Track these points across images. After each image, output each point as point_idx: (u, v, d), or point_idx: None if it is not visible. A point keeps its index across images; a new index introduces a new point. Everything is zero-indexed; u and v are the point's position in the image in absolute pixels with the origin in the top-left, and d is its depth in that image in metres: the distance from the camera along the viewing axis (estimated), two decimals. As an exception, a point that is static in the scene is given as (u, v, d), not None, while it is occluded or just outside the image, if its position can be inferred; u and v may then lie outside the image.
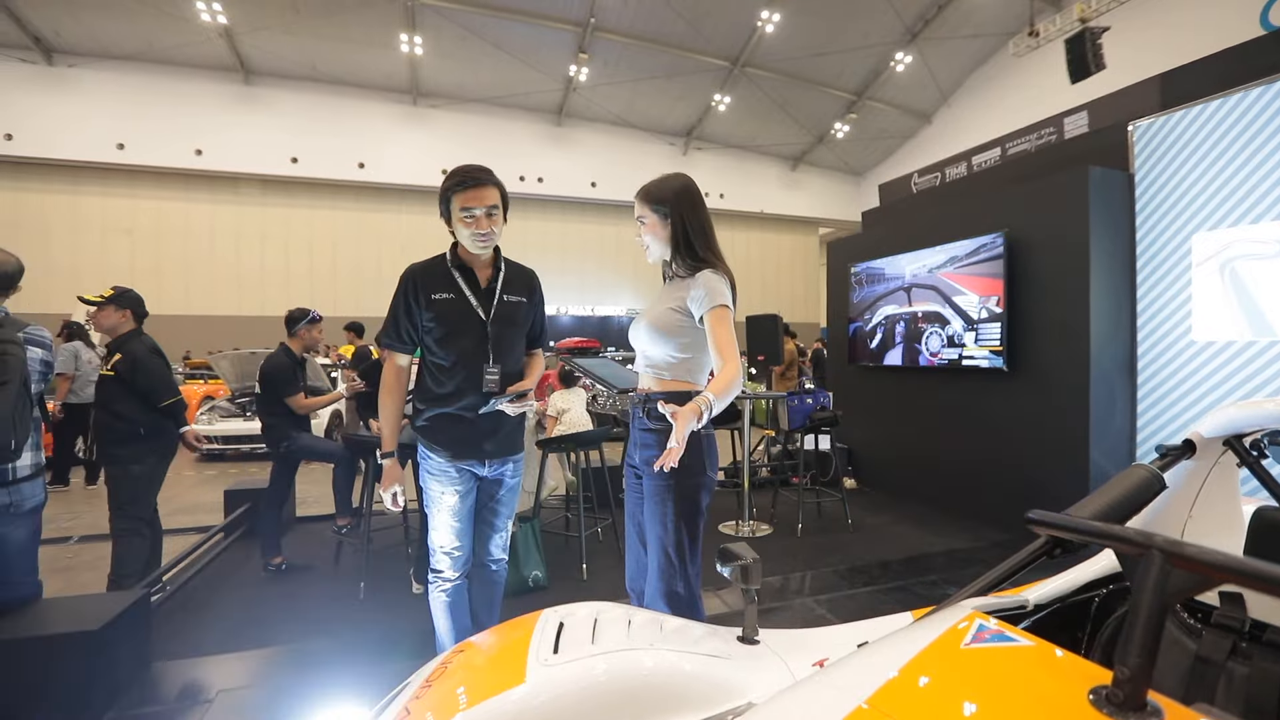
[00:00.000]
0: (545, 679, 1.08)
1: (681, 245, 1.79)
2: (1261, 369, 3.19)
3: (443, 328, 1.91)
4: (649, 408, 1.73)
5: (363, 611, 3.09)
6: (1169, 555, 0.77)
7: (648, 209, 1.81)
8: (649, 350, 1.80)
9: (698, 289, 1.72)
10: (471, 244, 1.90)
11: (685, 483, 1.67)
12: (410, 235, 17.52)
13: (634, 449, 1.83)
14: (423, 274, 1.94)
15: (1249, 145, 3.24)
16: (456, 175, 1.88)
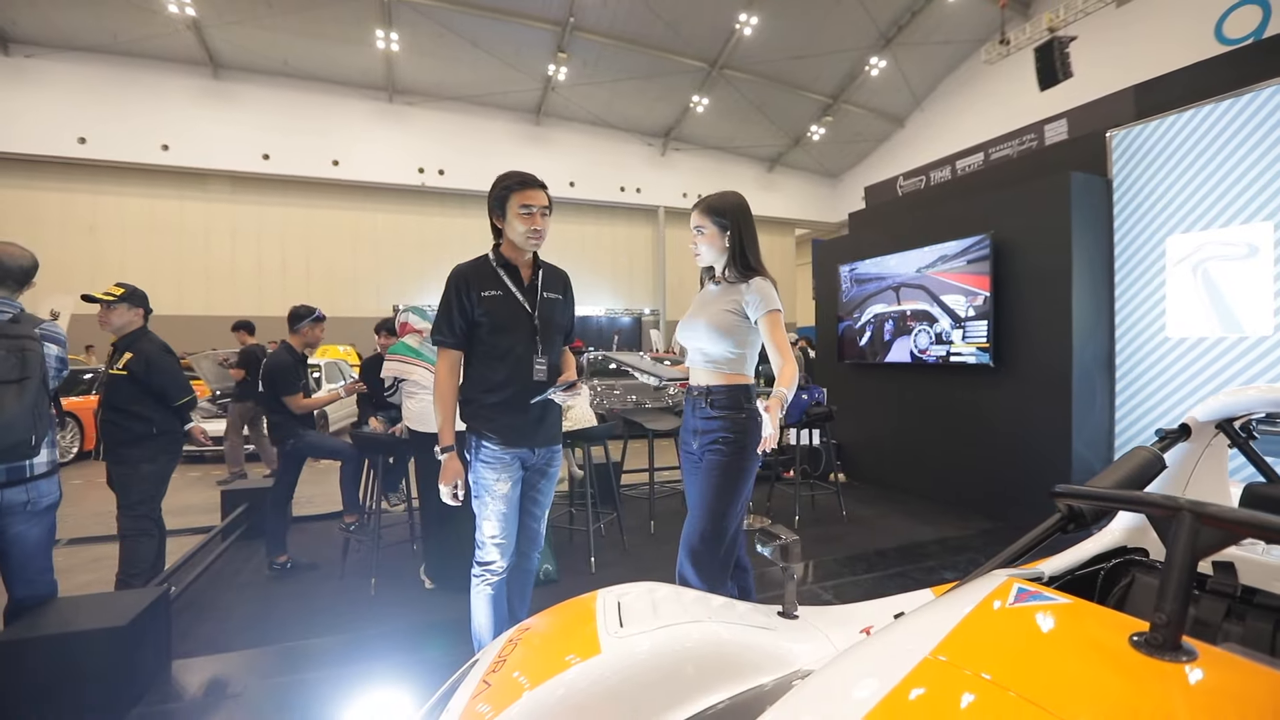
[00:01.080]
0: (619, 649, 1.16)
1: (737, 255, 2.01)
2: (1231, 363, 3.41)
3: (494, 322, 1.99)
4: (713, 398, 1.96)
5: (377, 607, 3.11)
6: (1197, 515, 0.90)
7: (708, 220, 2.01)
8: (708, 348, 1.99)
9: (753, 294, 1.96)
10: (525, 240, 2.00)
11: (738, 462, 1.93)
12: (386, 234, 17.29)
13: (691, 435, 2.04)
14: (472, 272, 2.02)
15: (1219, 153, 3.46)
16: (516, 176, 2.00)
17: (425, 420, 3.21)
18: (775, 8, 14.36)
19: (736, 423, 1.96)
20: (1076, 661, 0.85)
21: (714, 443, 1.95)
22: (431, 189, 17.38)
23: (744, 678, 1.22)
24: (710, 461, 1.95)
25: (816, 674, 1.06)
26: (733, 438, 1.95)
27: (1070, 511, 1.34)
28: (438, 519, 3.24)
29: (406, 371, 3.29)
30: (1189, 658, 0.78)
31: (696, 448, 2.03)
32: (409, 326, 3.46)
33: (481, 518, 2.00)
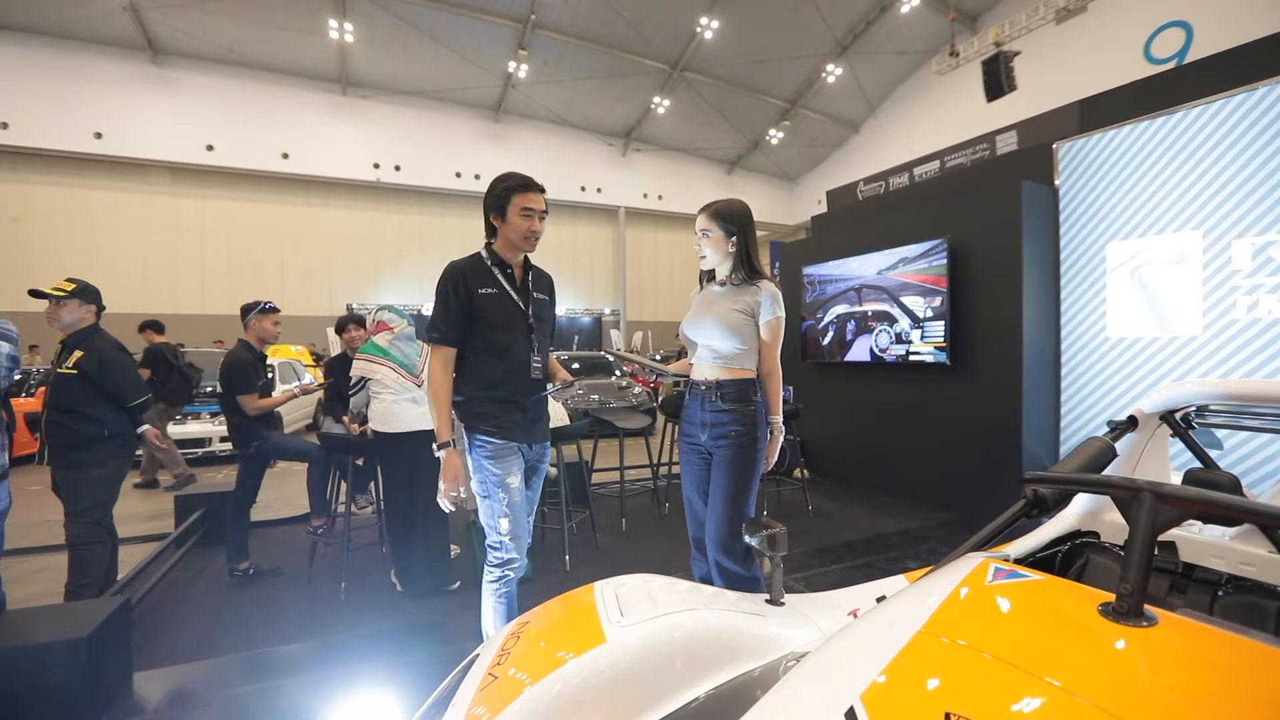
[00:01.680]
0: (624, 637, 1.20)
1: (742, 259, 2.12)
2: (1164, 361, 3.67)
3: (492, 319, 2.00)
4: (723, 392, 2.08)
5: (347, 612, 3.03)
6: (1157, 495, 1.00)
7: (715, 225, 2.10)
8: (717, 344, 2.10)
9: (766, 296, 2.09)
10: (523, 242, 2.02)
11: (752, 452, 2.07)
12: (339, 231, 16.79)
13: (698, 428, 2.12)
14: (468, 270, 2.01)
15: (1155, 166, 3.71)
16: (517, 178, 2.01)
17: (389, 421, 3.15)
18: (736, 12, 14.59)
19: (746, 414, 2.07)
20: (1053, 630, 0.94)
21: (727, 435, 2.06)
22: (387, 185, 16.97)
23: (740, 661, 1.27)
24: (727, 456, 2.06)
25: (815, 653, 1.11)
26: (744, 429, 2.06)
27: (1035, 497, 1.45)
28: (404, 522, 3.20)
29: (370, 370, 3.23)
30: (1150, 622, 0.88)
31: (705, 439, 2.11)
32: (384, 325, 3.39)
33: (497, 516, 1.98)
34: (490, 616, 2.03)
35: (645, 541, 4.10)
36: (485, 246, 2.08)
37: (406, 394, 3.18)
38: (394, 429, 3.14)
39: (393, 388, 3.19)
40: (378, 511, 3.89)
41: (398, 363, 3.26)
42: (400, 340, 3.35)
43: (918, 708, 0.81)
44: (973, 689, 0.81)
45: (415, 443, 3.14)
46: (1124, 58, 12.09)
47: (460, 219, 17.96)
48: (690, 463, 2.20)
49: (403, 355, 3.30)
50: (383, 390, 3.19)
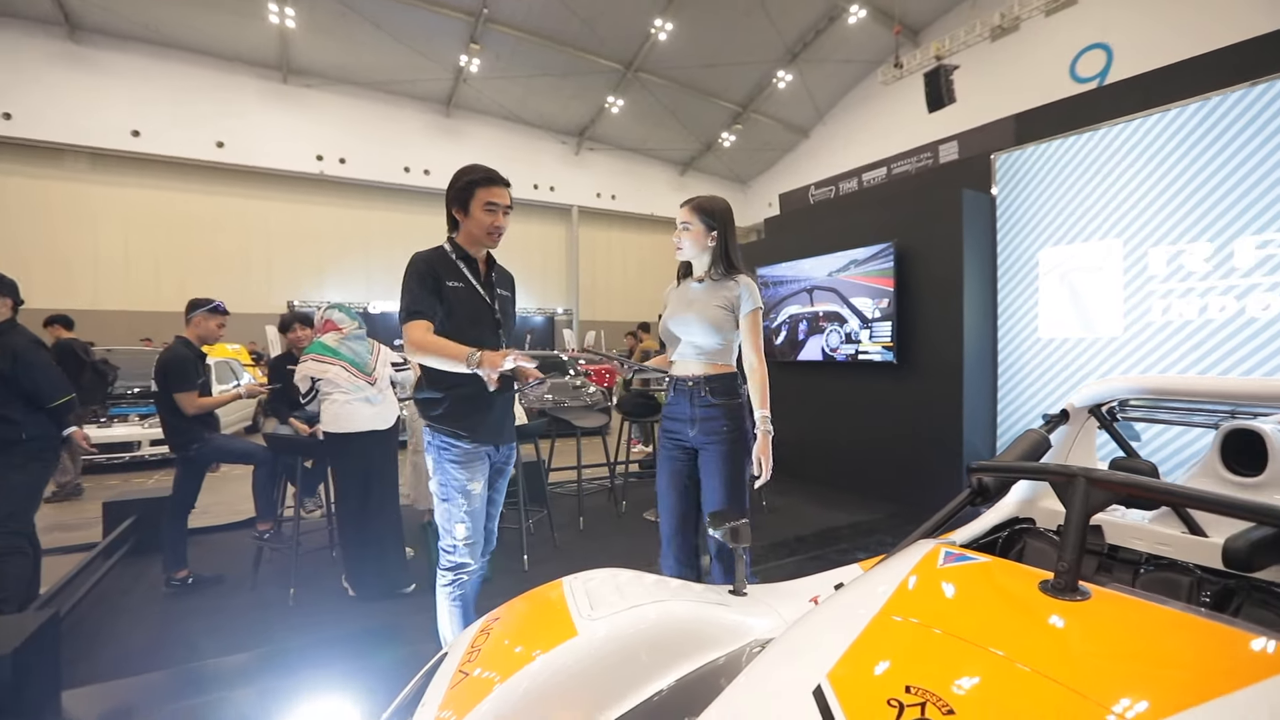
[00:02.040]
0: (595, 630, 1.22)
1: (721, 255, 2.15)
2: (1090, 359, 3.93)
3: (460, 314, 1.95)
4: (711, 386, 2.11)
5: (297, 618, 2.93)
6: (1090, 480, 1.09)
7: (696, 218, 2.12)
8: (701, 341, 2.12)
9: (744, 290, 2.12)
10: (487, 237, 1.98)
11: (744, 448, 2.11)
12: (279, 225, 16.09)
13: (684, 424, 2.15)
14: (437, 261, 1.95)
15: (1082, 178, 3.97)
16: (481, 170, 1.96)
17: (343, 421, 3.06)
18: (690, 16, 14.74)
19: (733, 408, 2.12)
20: (999, 606, 1.03)
21: (718, 431, 2.09)
22: (331, 178, 16.37)
23: (706, 650, 1.31)
24: (719, 452, 2.09)
25: (781, 638, 1.16)
26: (733, 424, 2.10)
27: (979, 486, 1.54)
28: (357, 524, 3.11)
29: (321, 371, 3.12)
30: (1084, 596, 0.96)
31: (694, 435, 2.12)
32: (333, 325, 3.28)
33: (453, 521, 1.94)
34: (446, 620, 2.00)
35: (603, 539, 4.12)
36: (448, 240, 2.03)
37: (360, 394, 3.10)
38: (347, 429, 3.05)
39: (345, 387, 3.10)
40: (327, 515, 3.76)
41: (349, 362, 3.17)
42: (350, 340, 3.25)
43: (879, 683, 0.86)
44: (928, 663, 0.87)
45: (369, 443, 3.06)
46: (1052, 75, 12.84)
47: (409, 215, 17.50)
48: (672, 458, 2.20)
49: (354, 354, 3.21)
50: (334, 390, 3.09)
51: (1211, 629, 0.90)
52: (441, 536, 1.98)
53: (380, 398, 3.18)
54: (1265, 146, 3.21)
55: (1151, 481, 1.11)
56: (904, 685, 0.83)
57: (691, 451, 2.17)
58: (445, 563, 1.98)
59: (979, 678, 0.83)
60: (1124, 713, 0.72)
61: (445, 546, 1.97)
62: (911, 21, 15.05)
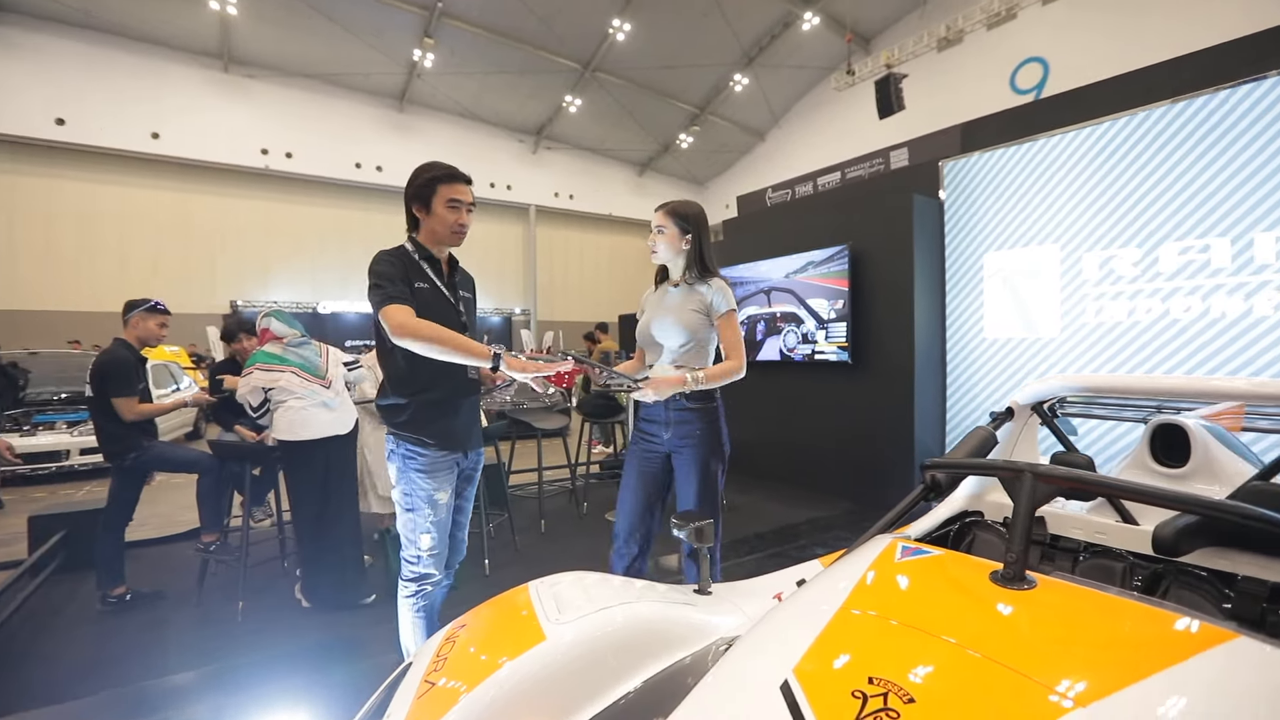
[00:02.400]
0: (563, 634, 1.22)
1: (696, 259, 2.16)
2: (1031, 358, 4.13)
3: (426, 315, 1.86)
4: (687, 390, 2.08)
5: (246, 634, 2.81)
6: (1035, 474, 1.16)
7: (671, 222, 2.13)
8: (677, 345, 2.15)
9: (717, 293, 2.13)
10: (450, 236, 1.93)
11: (718, 451, 2.14)
12: (222, 221, 15.40)
13: (660, 427, 2.16)
14: (402, 259, 1.89)
15: (1023, 186, 4.17)
16: (442, 167, 1.91)
17: (300, 429, 2.96)
18: (648, 16, 14.79)
19: (709, 412, 2.14)
20: (954, 597, 1.08)
21: (693, 435, 2.11)
22: (277, 173, 15.77)
23: (674, 649, 1.32)
24: (693, 455, 2.11)
25: (747, 635, 1.18)
26: (708, 427, 2.13)
27: (931, 482, 1.61)
28: (314, 533, 3.01)
29: (271, 380, 3.00)
30: (1031, 585, 1.02)
31: (669, 438, 2.14)
32: (270, 333, 3.15)
33: (419, 532, 1.89)
34: (409, 632, 1.96)
35: (565, 541, 4.10)
36: (410, 239, 1.96)
37: (315, 398, 2.99)
38: (305, 436, 2.94)
39: (299, 393, 2.98)
40: (278, 524, 3.63)
41: (299, 367, 3.06)
42: (295, 346, 3.13)
43: (844, 676, 0.89)
44: (889, 654, 0.91)
45: (327, 449, 2.96)
46: (994, 86, 13.41)
47: (361, 212, 17.01)
48: (643, 458, 2.21)
49: (302, 359, 3.09)
50: (288, 397, 2.98)
51: (1146, 612, 0.97)
52: (405, 547, 1.93)
53: (337, 401, 3.08)
54: (1187, 159, 3.44)
55: (1091, 475, 1.18)
56: (867, 677, 0.87)
57: (665, 454, 2.18)
58: (408, 574, 1.93)
59: (936, 666, 0.87)
60: (1067, 692, 0.77)
61: (409, 557, 1.92)
62: (863, 30, 15.48)
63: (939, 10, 13.77)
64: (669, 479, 2.22)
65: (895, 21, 15.27)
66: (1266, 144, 3.16)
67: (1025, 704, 0.78)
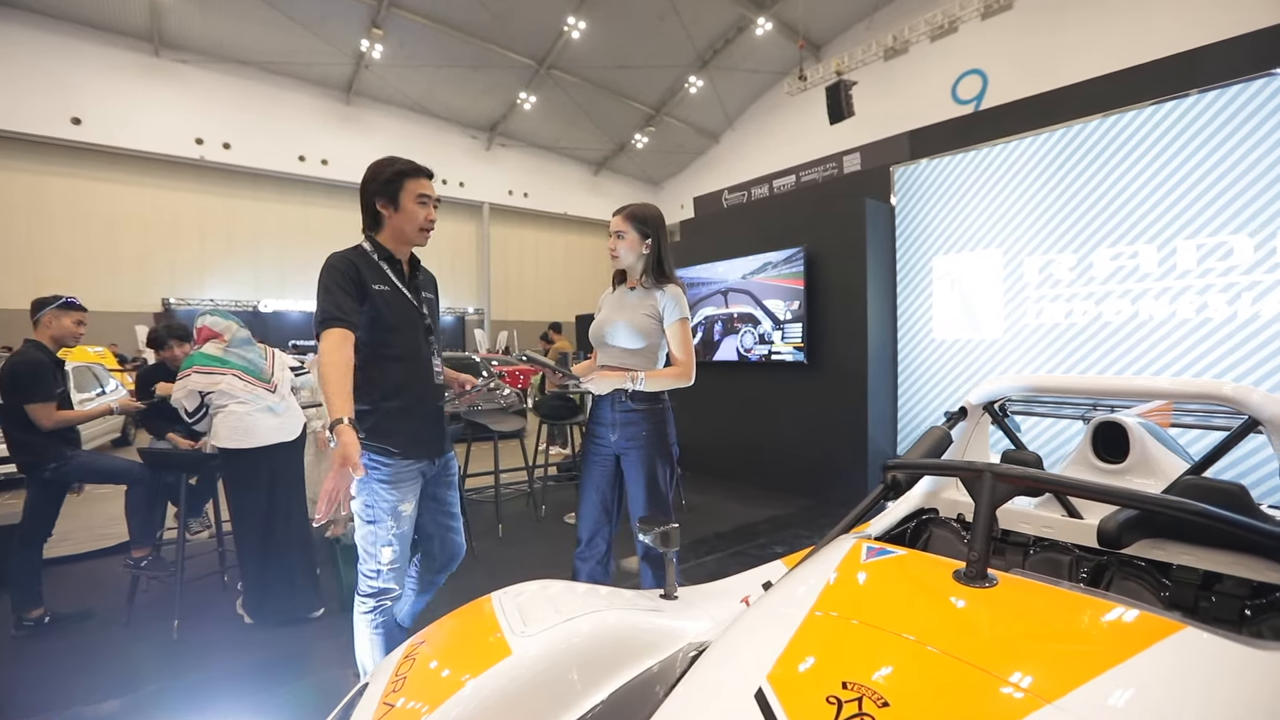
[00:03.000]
0: (530, 647, 1.19)
1: (653, 263, 2.16)
2: (978, 358, 4.30)
3: (389, 319, 1.81)
4: (635, 393, 2.10)
5: (183, 654, 2.64)
6: (995, 475, 1.18)
7: (630, 226, 2.12)
8: (625, 346, 2.15)
9: (669, 300, 2.14)
10: (419, 233, 1.87)
11: (665, 452, 2.15)
12: (152, 215, 14.55)
13: (607, 429, 2.15)
14: (359, 261, 1.79)
15: (969, 192, 4.33)
16: (405, 162, 1.84)
17: (244, 435, 2.79)
18: (603, 15, 14.74)
19: (656, 413, 2.14)
20: (920, 597, 1.10)
21: (638, 436, 2.11)
22: (214, 164, 15.01)
23: (643, 657, 1.31)
24: (641, 458, 2.11)
25: (718, 642, 1.17)
26: (654, 428, 2.13)
27: (891, 481, 1.64)
28: (259, 544, 2.85)
29: (211, 384, 2.82)
30: (993, 583, 1.05)
31: (616, 440, 2.13)
32: (210, 331, 2.96)
33: (380, 544, 1.79)
34: (366, 650, 1.86)
35: (523, 546, 4.03)
36: (368, 239, 1.87)
37: (260, 403, 2.83)
38: (250, 444, 2.78)
39: (242, 398, 2.81)
40: (217, 536, 3.43)
41: (242, 369, 2.88)
42: (236, 346, 2.94)
43: (818, 681, 0.89)
44: (861, 658, 0.92)
45: (273, 457, 2.81)
46: (937, 96, 13.95)
47: (304, 207, 16.37)
48: (595, 464, 2.21)
49: (245, 361, 2.91)
50: (230, 402, 2.80)
51: (1102, 606, 1.01)
52: (364, 560, 1.83)
53: (283, 406, 2.92)
54: (1118, 169, 3.64)
55: (1047, 474, 1.22)
56: (840, 682, 0.87)
57: (614, 455, 2.18)
58: (366, 588, 1.84)
59: (908, 669, 0.89)
60: (1034, 689, 0.79)
61: (367, 571, 1.83)
62: (814, 37, 15.84)
63: (886, 20, 14.22)
64: (621, 480, 2.22)
65: (844, 30, 15.69)
66: (1189, 157, 3.38)
67: (995, 703, 0.79)
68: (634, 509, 2.14)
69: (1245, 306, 3.19)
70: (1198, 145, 3.34)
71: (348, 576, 2.98)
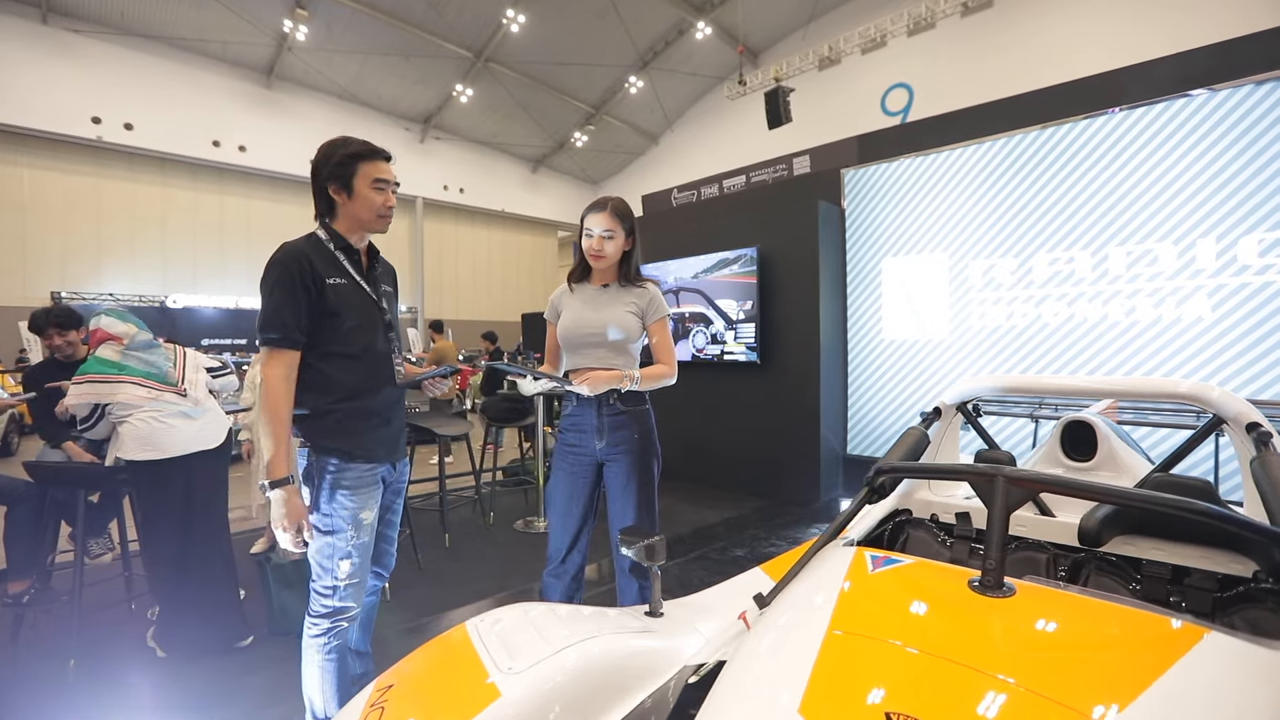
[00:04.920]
0: (520, 686, 1.06)
1: (633, 260, 2.08)
2: (924, 359, 4.42)
3: (347, 315, 1.64)
4: (622, 395, 2.01)
5: (81, 695, 2.30)
6: (1009, 479, 1.14)
7: (619, 225, 2.01)
8: (613, 347, 2.04)
9: (650, 298, 2.07)
10: (378, 220, 1.71)
11: (652, 452, 2.07)
12: (39, 198, 13.12)
13: (590, 435, 2.02)
14: (313, 253, 1.62)
15: (916, 197, 4.46)
16: (360, 143, 1.68)
17: (154, 445, 2.48)
18: (542, 10, 14.46)
19: (641, 414, 2.06)
20: (941, 610, 1.03)
21: (628, 441, 2.01)
22: (112, 146, 13.69)
23: (642, 683, 1.21)
24: (629, 463, 2.01)
25: (731, 670, 1.08)
26: (642, 432, 2.04)
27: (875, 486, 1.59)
28: (176, 567, 2.54)
29: (108, 394, 2.49)
30: (1011, 592, 1.00)
31: (602, 447, 2.01)
32: (105, 333, 2.61)
33: (337, 557, 1.62)
34: (317, 680, 1.66)
35: (472, 557, 3.81)
36: (323, 226, 1.70)
37: (171, 408, 2.51)
38: (160, 455, 2.47)
39: (145, 406, 2.50)
40: (123, 559, 3.04)
41: (143, 375, 2.56)
42: (136, 349, 2.62)
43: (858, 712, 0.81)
44: (897, 682, 0.84)
45: (188, 467, 2.50)
46: (867, 106, 14.50)
47: (218, 196, 15.23)
48: (572, 473, 2.06)
49: (146, 365, 2.59)
50: (133, 412, 2.48)
51: (1125, 614, 0.99)
52: (317, 576, 1.64)
53: (201, 411, 2.61)
54: (1056, 179, 3.82)
55: (1064, 478, 1.18)
56: (884, 712, 0.80)
57: (596, 464, 2.04)
58: (319, 608, 1.65)
59: (951, 691, 0.83)
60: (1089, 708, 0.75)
61: (322, 589, 1.64)
62: (752, 44, 16.13)
63: (820, 32, 14.67)
64: (599, 490, 2.10)
65: (781, 39, 16.07)
66: (1120, 168, 3.59)
67: None
68: (617, 520, 2.02)
69: (1169, 310, 3.41)
70: (1127, 158, 3.55)
71: (279, 598, 2.71)
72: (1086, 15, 11.28)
